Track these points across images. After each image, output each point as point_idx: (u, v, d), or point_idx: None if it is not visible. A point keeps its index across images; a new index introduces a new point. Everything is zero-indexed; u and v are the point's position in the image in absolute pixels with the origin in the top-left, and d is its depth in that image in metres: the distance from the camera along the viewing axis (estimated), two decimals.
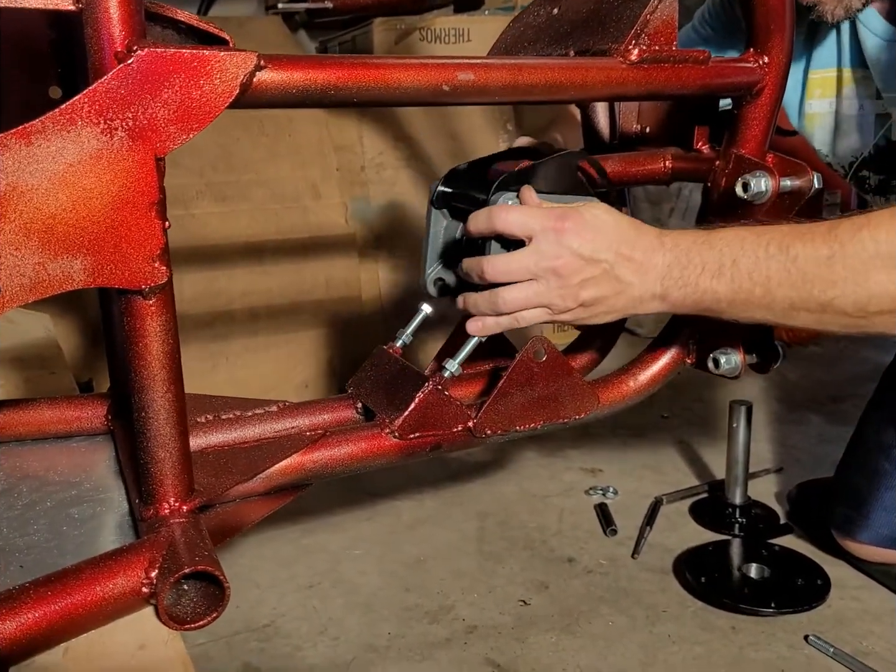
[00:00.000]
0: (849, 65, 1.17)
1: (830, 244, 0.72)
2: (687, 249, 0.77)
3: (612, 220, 0.79)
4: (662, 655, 1.08)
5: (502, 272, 0.79)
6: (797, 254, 0.73)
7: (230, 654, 1.10)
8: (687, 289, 0.77)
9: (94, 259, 0.55)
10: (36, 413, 0.83)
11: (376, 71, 0.64)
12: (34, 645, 0.54)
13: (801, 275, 0.73)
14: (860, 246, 0.71)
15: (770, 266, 0.74)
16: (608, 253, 0.77)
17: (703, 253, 0.76)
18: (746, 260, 0.75)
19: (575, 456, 1.65)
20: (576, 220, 0.77)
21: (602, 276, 0.77)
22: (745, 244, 0.75)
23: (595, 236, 0.77)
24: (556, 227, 0.76)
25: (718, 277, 0.76)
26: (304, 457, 0.76)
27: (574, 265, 0.76)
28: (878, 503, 1.18)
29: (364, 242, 1.94)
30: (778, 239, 0.74)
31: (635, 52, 0.76)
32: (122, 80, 0.54)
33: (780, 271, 0.73)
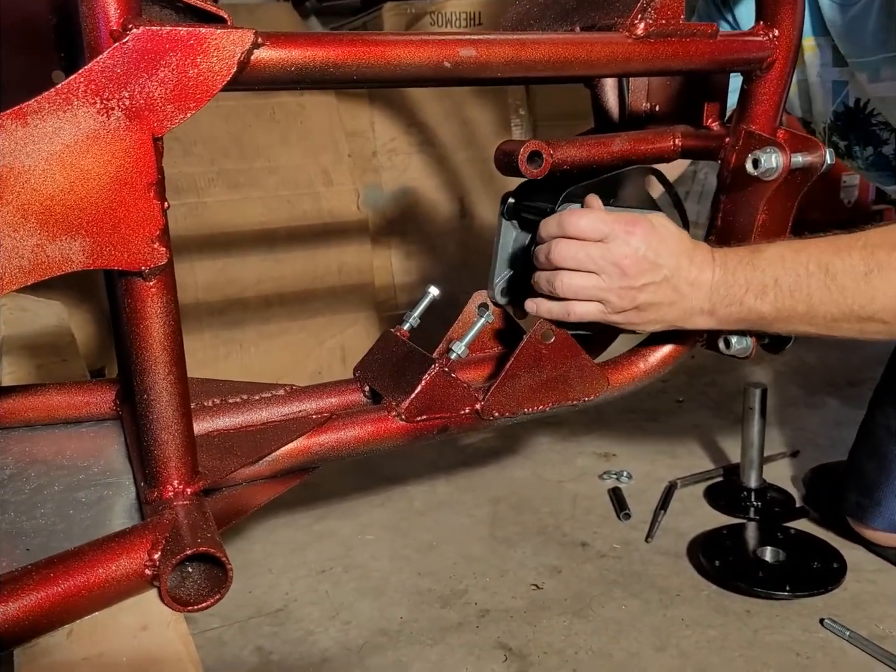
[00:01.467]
0: (810, 34, 1.18)
1: (868, 262, 0.75)
2: (733, 269, 0.80)
3: (676, 232, 0.82)
4: (676, 639, 1.08)
5: (569, 257, 0.80)
6: (836, 271, 0.76)
7: (243, 638, 1.11)
8: (732, 307, 0.80)
9: (93, 240, 0.55)
10: (45, 398, 0.83)
11: (376, 48, 0.63)
12: (38, 626, 0.54)
13: (841, 291, 0.76)
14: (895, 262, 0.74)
15: (811, 284, 0.77)
16: (672, 260, 0.79)
17: (748, 272, 0.79)
18: (787, 279, 0.78)
19: (588, 440, 1.64)
20: (645, 225, 0.79)
21: (663, 282, 0.80)
22: (786, 263, 0.78)
23: (661, 243, 0.79)
24: (626, 230, 0.79)
25: (762, 297, 0.79)
26: (309, 440, 0.75)
27: (640, 266, 0.79)
28: (890, 490, 1.17)
29: (376, 229, 1.94)
30: (816, 256, 0.77)
31: (641, 27, 0.75)
32: (118, 59, 0.53)
33: (821, 289, 0.77)
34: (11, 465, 0.76)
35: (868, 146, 1.25)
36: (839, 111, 1.23)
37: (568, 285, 0.80)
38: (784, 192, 0.84)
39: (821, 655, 1.04)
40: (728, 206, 0.89)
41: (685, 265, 0.80)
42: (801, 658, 1.04)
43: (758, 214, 0.86)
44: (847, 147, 1.28)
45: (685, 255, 0.80)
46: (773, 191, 0.83)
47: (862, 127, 1.23)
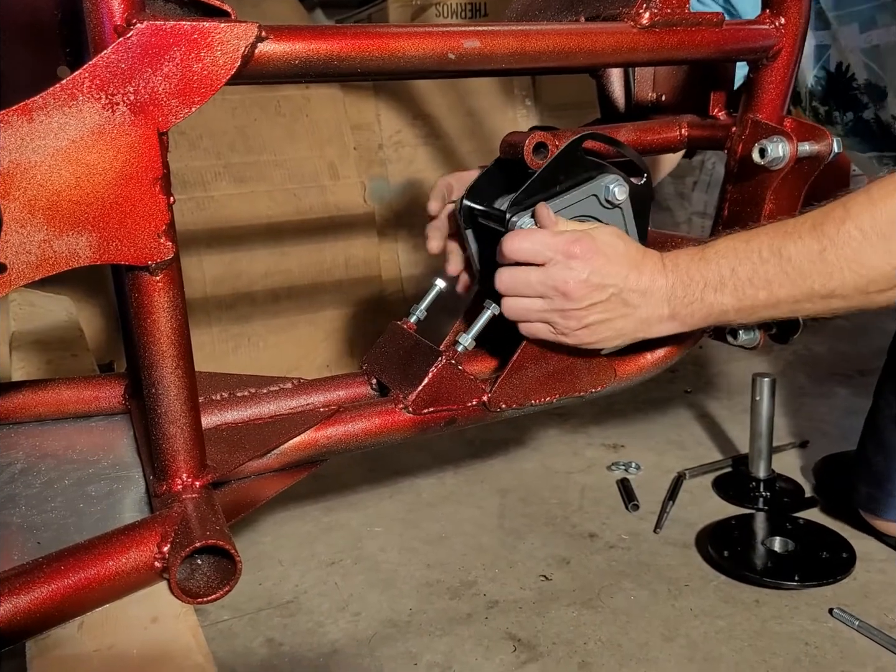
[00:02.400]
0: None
1: (820, 239, 0.75)
2: (686, 268, 0.79)
3: (623, 247, 0.79)
4: (684, 629, 1.08)
5: (511, 286, 0.80)
6: (790, 254, 0.75)
7: (254, 630, 1.12)
8: (693, 305, 0.79)
9: (100, 235, 0.55)
10: (55, 393, 0.83)
11: (380, 40, 0.63)
12: (49, 619, 0.54)
13: (799, 271, 0.75)
14: (847, 237, 0.73)
15: (767, 270, 0.76)
16: (617, 277, 0.78)
17: (702, 268, 0.79)
18: (743, 268, 0.77)
19: (597, 432, 1.64)
20: (586, 246, 0.77)
21: (610, 298, 0.79)
22: (739, 253, 0.77)
23: (605, 262, 0.78)
24: (566, 253, 0.77)
25: (721, 289, 0.78)
26: (317, 433, 0.76)
27: (583, 289, 0.78)
28: None
29: (383, 222, 1.93)
30: (767, 242, 0.76)
31: (646, 16, 0.74)
32: (122, 54, 0.54)
33: (779, 273, 0.76)
34: (22, 459, 0.76)
35: (848, 111, 1.23)
36: (819, 76, 1.21)
37: (513, 309, 0.81)
38: (791, 181, 0.84)
39: (830, 645, 1.04)
40: (735, 196, 0.88)
41: (633, 277, 0.78)
42: (811, 648, 1.04)
43: (765, 204, 0.85)
44: (827, 112, 1.26)
45: (633, 268, 0.79)
46: (780, 180, 0.83)
47: (843, 92, 1.21)
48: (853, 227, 0.73)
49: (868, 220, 0.73)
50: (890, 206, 0.72)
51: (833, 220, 0.74)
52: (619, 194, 0.81)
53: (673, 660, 1.03)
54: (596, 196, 0.82)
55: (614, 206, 0.83)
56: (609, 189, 0.81)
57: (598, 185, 0.81)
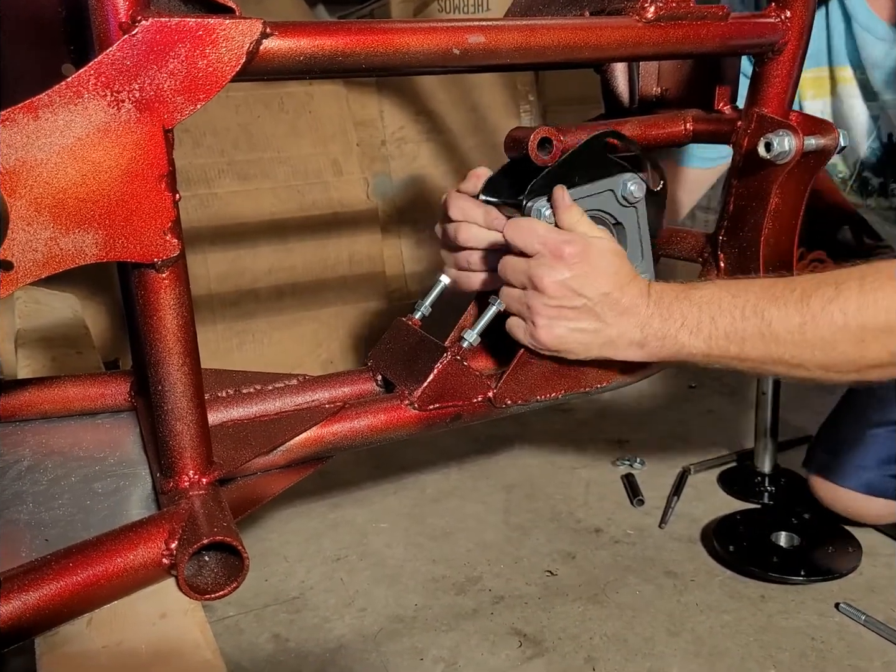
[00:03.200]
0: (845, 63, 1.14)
1: (803, 313, 0.75)
2: (668, 303, 0.79)
3: (615, 263, 0.79)
4: (690, 624, 1.08)
5: (500, 270, 0.81)
6: (771, 319, 0.76)
7: (260, 625, 1.12)
8: (665, 341, 0.79)
9: (106, 233, 0.55)
10: (60, 390, 0.83)
11: (384, 36, 0.63)
12: (58, 615, 0.54)
13: (775, 338, 0.76)
14: (830, 318, 0.74)
15: (746, 328, 0.77)
16: (594, 292, 0.78)
17: (683, 308, 0.79)
18: (723, 320, 0.77)
19: (601, 427, 1.64)
20: (577, 250, 0.77)
21: (583, 308, 0.78)
22: (723, 304, 0.78)
23: (589, 272, 0.77)
24: (553, 252, 0.77)
25: (696, 334, 0.78)
26: (323, 429, 0.76)
27: (559, 290, 0.77)
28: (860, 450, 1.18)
29: (387, 218, 1.93)
30: (753, 302, 0.77)
31: (652, 10, 0.74)
32: (128, 51, 0.53)
33: (755, 334, 0.76)
34: (29, 456, 0.76)
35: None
36: (874, 146, 1.19)
37: (504, 294, 0.82)
38: (797, 175, 0.83)
39: (836, 640, 1.04)
40: (740, 191, 0.88)
41: (614, 295, 0.78)
42: (817, 643, 1.04)
43: (770, 199, 0.85)
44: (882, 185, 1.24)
45: (616, 286, 0.78)
46: (786, 174, 0.83)
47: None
48: (838, 310, 0.73)
49: (854, 307, 0.73)
50: (878, 300, 0.72)
51: (821, 296, 0.74)
52: (637, 193, 0.81)
53: (678, 654, 1.03)
54: (613, 192, 0.82)
55: (630, 205, 0.82)
56: (627, 186, 0.81)
57: (617, 180, 0.81)
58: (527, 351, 0.82)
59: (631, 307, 0.78)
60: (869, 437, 1.21)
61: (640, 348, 0.80)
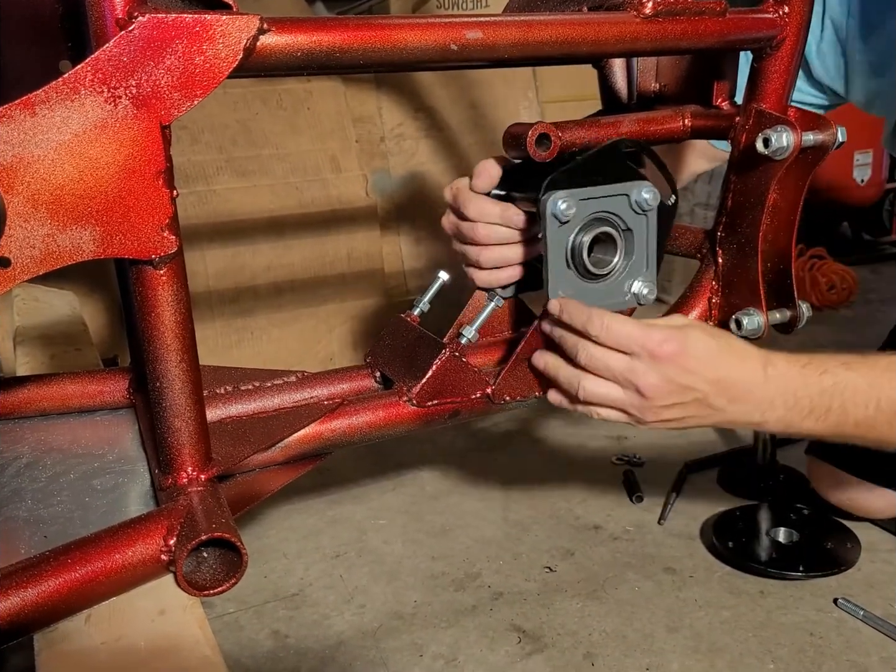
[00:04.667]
0: None
1: None
2: (795, 390, 0.76)
3: (715, 347, 0.76)
4: (689, 620, 1.08)
5: (592, 364, 0.76)
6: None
7: (260, 622, 1.12)
8: (790, 426, 0.77)
9: (103, 229, 0.55)
10: (59, 387, 0.83)
11: (382, 31, 0.63)
12: (57, 611, 0.55)
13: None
14: None
15: (878, 418, 0.75)
16: (705, 384, 0.74)
17: (813, 396, 0.75)
18: (856, 411, 0.75)
19: (600, 424, 1.63)
20: (677, 345, 0.74)
21: (692, 402, 0.75)
22: (857, 396, 0.75)
23: (695, 366, 0.74)
24: (653, 352, 0.74)
25: (823, 420, 0.76)
26: (321, 426, 0.76)
27: (664, 389, 0.74)
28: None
29: (385, 215, 1.93)
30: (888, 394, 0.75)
31: (649, 6, 0.74)
32: (124, 47, 0.53)
33: (885, 424, 0.75)
34: (27, 453, 0.76)
35: None
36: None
37: (592, 393, 0.76)
38: (795, 171, 0.83)
39: (835, 635, 1.04)
40: (738, 187, 0.88)
41: (725, 384, 0.75)
42: (815, 638, 1.04)
43: (769, 194, 0.85)
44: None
45: (726, 374, 0.75)
46: (785, 170, 0.83)
47: None
48: None
49: None
50: None
51: None
52: (651, 201, 0.81)
53: (678, 650, 1.03)
54: (628, 197, 0.82)
55: (642, 213, 0.83)
56: (641, 193, 0.81)
57: (632, 186, 0.81)
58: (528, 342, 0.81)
59: (746, 392, 0.75)
60: None
61: (758, 426, 0.79)
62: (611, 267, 0.83)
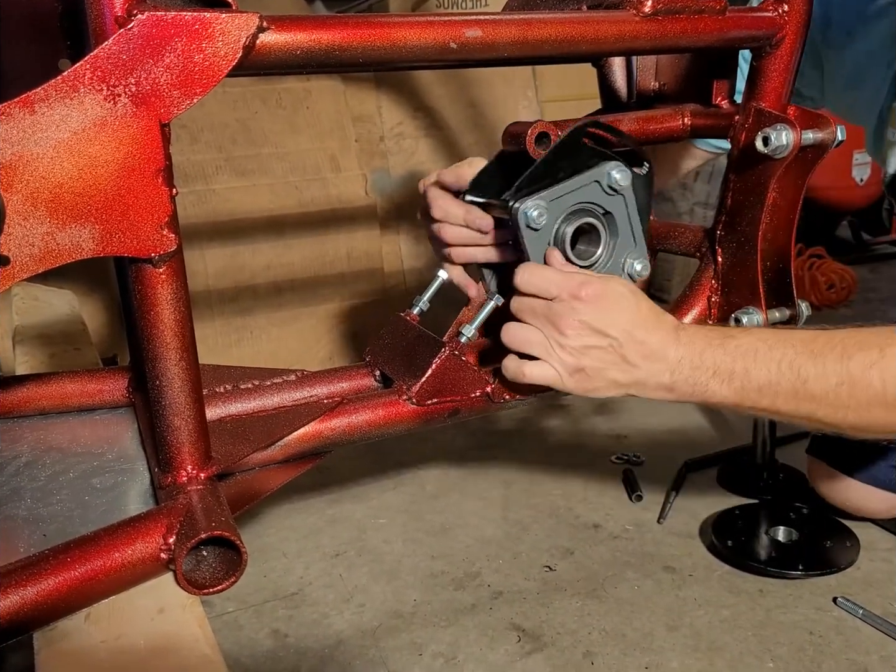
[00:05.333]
0: None
1: (840, 374, 0.74)
2: (701, 350, 0.77)
3: (634, 302, 0.78)
4: (689, 619, 1.08)
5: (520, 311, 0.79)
6: (808, 376, 0.75)
7: (259, 621, 1.12)
8: (696, 388, 0.78)
9: (103, 227, 0.55)
10: (58, 386, 0.83)
11: (381, 30, 0.63)
12: (56, 610, 0.55)
13: (809, 396, 0.75)
14: (868, 383, 0.72)
15: (780, 383, 0.75)
16: (620, 332, 0.77)
17: (717, 357, 0.77)
18: (758, 373, 0.76)
19: (600, 422, 1.64)
20: (594, 290, 0.76)
21: (608, 349, 0.77)
22: (758, 356, 0.76)
23: (611, 312, 0.76)
24: (572, 294, 0.76)
25: (728, 384, 0.77)
26: (321, 424, 0.76)
27: (581, 329, 0.76)
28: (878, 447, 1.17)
29: (385, 214, 1.93)
30: (790, 357, 0.75)
31: (649, 4, 0.74)
32: (124, 45, 0.53)
33: (789, 390, 0.75)
34: (27, 452, 0.76)
35: None
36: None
37: (513, 335, 0.79)
38: (794, 169, 0.83)
39: (834, 634, 1.04)
40: (738, 185, 0.88)
41: (640, 337, 0.77)
42: (815, 636, 1.04)
43: (768, 193, 0.85)
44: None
45: (641, 328, 0.77)
46: (784, 168, 0.83)
47: None
48: (878, 375, 0.72)
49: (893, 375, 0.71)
50: None
51: (863, 358, 0.73)
52: (622, 180, 0.81)
53: (677, 649, 1.03)
54: (598, 182, 0.81)
55: (617, 193, 0.82)
56: (611, 175, 0.81)
57: (601, 171, 0.81)
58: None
59: (659, 349, 0.77)
60: None
61: (669, 392, 0.79)
62: (597, 255, 0.83)
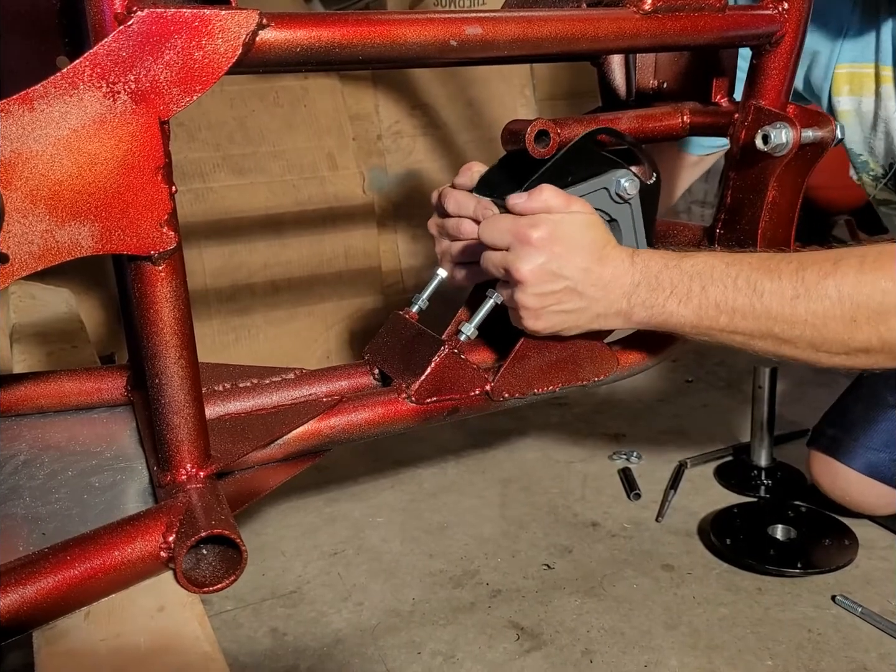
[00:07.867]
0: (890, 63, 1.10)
1: (796, 286, 0.74)
2: (657, 272, 0.78)
3: (589, 235, 0.77)
4: (687, 617, 1.08)
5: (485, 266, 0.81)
6: (763, 290, 0.75)
7: (258, 620, 1.12)
8: (653, 310, 0.78)
9: (102, 225, 0.55)
10: (56, 385, 0.83)
11: (381, 27, 0.63)
12: (56, 609, 0.54)
13: (766, 311, 0.75)
14: (823, 293, 0.72)
15: (737, 298, 0.75)
16: (575, 271, 0.77)
17: (673, 277, 0.77)
18: (714, 289, 0.76)
19: (598, 421, 1.64)
20: (545, 233, 0.76)
21: (565, 290, 0.77)
22: (715, 273, 0.76)
23: (564, 251, 0.76)
24: (523, 240, 0.76)
25: (686, 303, 0.77)
26: (320, 423, 0.76)
27: (537, 275, 0.76)
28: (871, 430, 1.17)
29: (382, 212, 1.93)
30: (746, 273, 0.76)
31: (649, 2, 0.74)
32: (123, 41, 0.53)
33: (746, 305, 0.75)
34: (25, 451, 0.76)
35: None
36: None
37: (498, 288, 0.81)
38: (794, 168, 0.83)
39: (832, 632, 1.04)
40: (737, 184, 0.88)
41: (594, 269, 0.77)
42: (813, 634, 1.04)
43: (767, 191, 0.85)
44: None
45: (595, 261, 0.77)
46: (784, 167, 0.83)
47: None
48: (833, 285, 0.72)
49: (850, 285, 0.71)
50: (876, 280, 0.71)
51: (817, 270, 0.73)
52: (630, 189, 0.81)
53: (676, 647, 1.03)
54: (607, 189, 0.81)
55: (624, 202, 0.82)
56: (620, 183, 0.81)
57: (610, 178, 0.81)
58: (527, 339, 0.82)
59: (614, 278, 0.77)
60: (880, 417, 1.19)
61: (625, 318, 0.79)
62: None
